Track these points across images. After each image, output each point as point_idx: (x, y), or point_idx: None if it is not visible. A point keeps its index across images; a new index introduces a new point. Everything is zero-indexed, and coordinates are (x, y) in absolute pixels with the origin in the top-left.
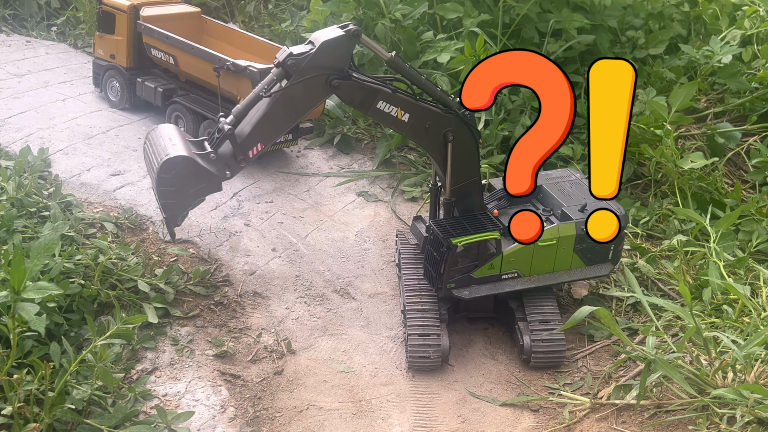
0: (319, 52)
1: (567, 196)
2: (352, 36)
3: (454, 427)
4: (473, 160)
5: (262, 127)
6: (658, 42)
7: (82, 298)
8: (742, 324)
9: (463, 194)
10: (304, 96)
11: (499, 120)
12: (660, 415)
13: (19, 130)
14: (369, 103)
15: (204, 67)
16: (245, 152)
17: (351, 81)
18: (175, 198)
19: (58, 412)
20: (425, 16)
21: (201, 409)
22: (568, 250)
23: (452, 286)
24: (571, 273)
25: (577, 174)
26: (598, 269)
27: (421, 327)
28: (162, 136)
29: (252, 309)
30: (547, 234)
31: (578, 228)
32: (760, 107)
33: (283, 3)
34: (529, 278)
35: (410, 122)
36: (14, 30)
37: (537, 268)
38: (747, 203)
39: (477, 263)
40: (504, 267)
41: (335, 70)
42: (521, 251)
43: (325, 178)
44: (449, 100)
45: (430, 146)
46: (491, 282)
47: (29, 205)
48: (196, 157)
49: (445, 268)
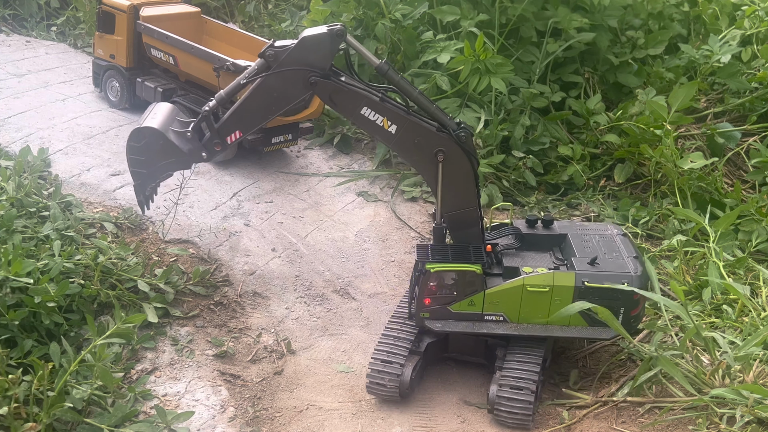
0: (298, 47)
1: (587, 248)
2: (335, 35)
3: (454, 427)
4: (470, 187)
5: (239, 114)
6: (658, 42)
7: (81, 297)
8: (741, 324)
9: (460, 224)
10: (282, 89)
11: (498, 120)
12: (659, 415)
13: (18, 130)
14: (351, 108)
15: (204, 67)
16: (222, 137)
17: (330, 81)
18: (143, 167)
19: (57, 411)
20: (425, 16)
21: (201, 409)
22: (564, 304)
23: (425, 315)
24: (567, 330)
25: (614, 229)
26: (600, 332)
27: (386, 354)
28: (151, 109)
29: (252, 309)
30: (537, 279)
31: (578, 280)
32: (760, 107)
33: (283, 3)
34: (516, 325)
35: (397, 135)
36: (14, 30)
37: (527, 315)
38: (746, 203)
39: (455, 296)
40: (487, 307)
41: (315, 67)
42: (508, 292)
43: (325, 178)
44: (445, 119)
45: (419, 164)
46: (471, 320)
47: (29, 205)
48: (169, 133)
49: (418, 293)
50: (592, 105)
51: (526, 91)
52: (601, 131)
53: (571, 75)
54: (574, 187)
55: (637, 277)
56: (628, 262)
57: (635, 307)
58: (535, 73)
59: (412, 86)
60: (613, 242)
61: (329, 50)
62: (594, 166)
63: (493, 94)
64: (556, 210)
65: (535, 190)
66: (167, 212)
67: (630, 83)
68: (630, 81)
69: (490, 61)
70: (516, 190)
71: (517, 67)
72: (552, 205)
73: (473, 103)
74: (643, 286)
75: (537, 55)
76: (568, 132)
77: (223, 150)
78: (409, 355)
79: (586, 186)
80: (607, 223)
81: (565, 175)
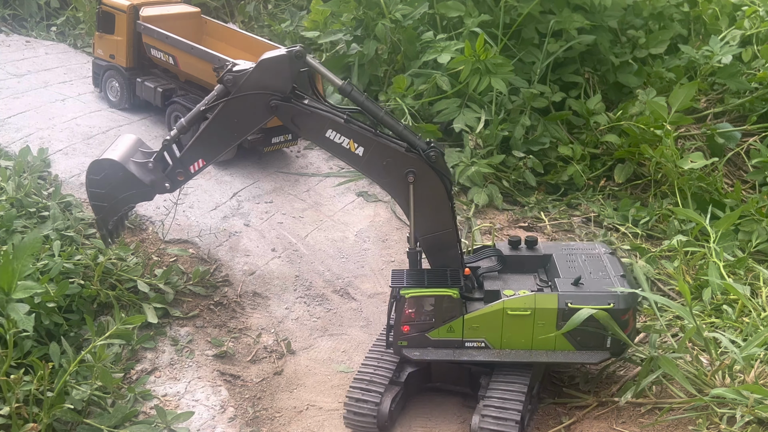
0: (257, 70)
1: (572, 268)
2: (294, 56)
3: (454, 428)
4: (444, 209)
5: (200, 143)
6: (659, 42)
7: (81, 298)
8: (742, 324)
9: (436, 247)
10: (243, 115)
11: (499, 120)
12: (660, 415)
13: (18, 130)
14: (316, 131)
15: (204, 67)
16: (185, 167)
17: (291, 104)
18: (105, 200)
19: (57, 412)
20: (425, 16)
21: (201, 410)
22: (549, 327)
23: (403, 343)
24: (553, 354)
25: (601, 248)
26: (589, 356)
27: (367, 383)
28: (114, 142)
29: (252, 309)
30: (518, 302)
31: (561, 302)
32: (760, 107)
33: (283, 3)
34: (498, 351)
35: (365, 156)
36: (14, 30)
37: (509, 341)
38: (747, 203)
39: (433, 322)
40: (467, 333)
41: (276, 90)
42: (488, 317)
43: (325, 179)
44: (414, 139)
45: (390, 186)
46: (452, 348)
47: (29, 205)
48: (129, 164)
49: (395, 320)
50: (592, 105)
51: (526, 91)
52: (601, 131)
53: (571, 75)
54: (574, 188)
55: (623, 297)
56: (615, 281)
57: (624, 327)
58: (536, 73)
59: (377, 106)
60: (600, 261)
61: (289, 73)
62: (594, 167)
63: (494, 94)
64: (556, 210)
65: (535, 190)
66: (167, 212)
67: (630, 83)
68: (630, 81)
69: (491, 62)
70: (516, 190)
71: (518, 68)
72: (552, 205)
73: (473, 103)
74: (631, 306)
75: (538, 56)
76: (568, 132)
77: (186, 180)
78: (389, 385)
79: (586, 186)
80: (595, 243)
81: (565, 175)
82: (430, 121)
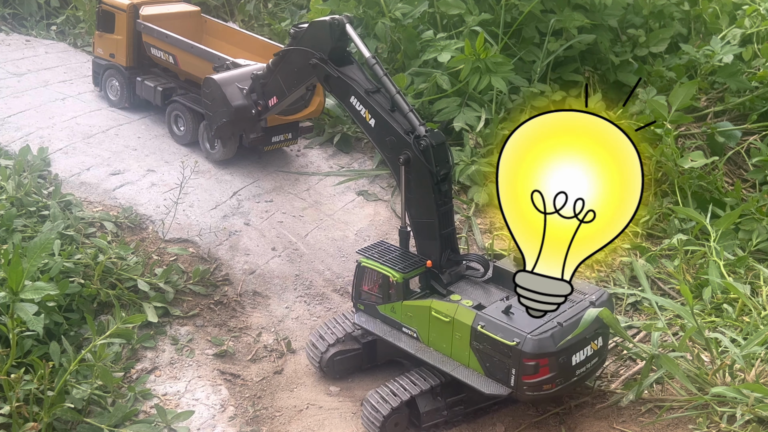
0: (307, 30)
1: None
2: (334, 24)
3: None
4: (427, 199)
5: (274, 83)
6: (659, 41)
7: (81, 297)
8: (742, 323)
9: (422, 233)
10: (297, 66)
11: (499, 119)
12: (660, 413)
13: (18, 129)
14: (342, 95)
15: (204, 66)
16: (265, 99)
17: (326, 66)
18: (209, 109)
19: (57, 411)
20: (425, 15)
21: (201, 409)
22: (464, 342)
23: (360, 307)
24: (461, 371)
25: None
26: (494, 386)
27: (325, 328)
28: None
29: (252, 308)
30: (441, 306)
31: (476, 321)
32: (761, 106)
33: (283, 2)
34: (424, 348)
35: (375, 129)
36: (14, 29)
37: (434, 341)
38: (747, 202)
39: (381, 297)
40: (403, 318)
41: (317, 51)
42: (418, 309)
43: (325, 177)
44: (415, 124)
45: (390, 162)
46: (391, 326)
47: (29, 205)
48: (228, 87)
49: (354, 283)
50: (593, 104)
51: (526, 90)
52: None
53: (571, 74)
54: None
55: (532, 339)
56: (550, 323)
57: (529, 373)
58: (536, 72)
59: (393, 85)
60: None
61: (328, 37)
62: None
63: (494, 93)
64: None
65: None
66: (167, 211)
67: (630, 82)
68: (630, 80)
69: (491, 60)
70: None
71: (518, 67)
72: None
73: (473, 101)
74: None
75: (538, 55)
76: None
77: (264, 113)
78: (345, 338)
79: None
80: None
81: None
82: (431, 120)
